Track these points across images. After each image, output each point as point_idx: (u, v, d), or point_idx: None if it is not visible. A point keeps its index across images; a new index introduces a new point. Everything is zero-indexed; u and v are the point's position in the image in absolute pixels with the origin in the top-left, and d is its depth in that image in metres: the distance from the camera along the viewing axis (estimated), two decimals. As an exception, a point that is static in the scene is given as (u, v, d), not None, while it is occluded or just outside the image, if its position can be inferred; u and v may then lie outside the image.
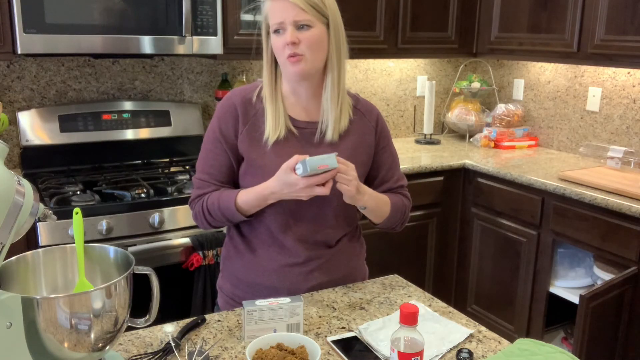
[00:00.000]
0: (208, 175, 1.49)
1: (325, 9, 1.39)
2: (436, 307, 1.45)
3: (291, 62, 1.39)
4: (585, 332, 2.18)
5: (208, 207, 1.47)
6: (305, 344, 1.13)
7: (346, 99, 1.51)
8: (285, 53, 1.38)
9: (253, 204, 1.43)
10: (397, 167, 1.61)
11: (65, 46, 2.26)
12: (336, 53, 1.44)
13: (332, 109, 1.46)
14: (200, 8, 2.47)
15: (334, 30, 1.42)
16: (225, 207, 1.44)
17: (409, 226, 3.01)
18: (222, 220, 1.48)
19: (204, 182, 1.50)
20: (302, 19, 1.36)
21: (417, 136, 3.65)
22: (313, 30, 1.38)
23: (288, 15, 1.36)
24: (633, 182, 2.52)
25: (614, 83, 3.00)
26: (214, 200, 1.46)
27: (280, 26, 1.38)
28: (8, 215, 0.94)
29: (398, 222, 1.59)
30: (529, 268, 2.78)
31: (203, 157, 1.51)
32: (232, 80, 3.02)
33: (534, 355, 1.16)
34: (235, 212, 1.43)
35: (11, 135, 2.62)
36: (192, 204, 1.52)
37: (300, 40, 1.37)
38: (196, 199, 1.51)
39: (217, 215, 1.47)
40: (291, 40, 1.36)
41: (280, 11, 1.37)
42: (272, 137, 1.44)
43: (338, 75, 1.45)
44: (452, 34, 3.29)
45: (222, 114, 1.48)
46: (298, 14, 1.36)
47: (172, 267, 2.28)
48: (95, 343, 1.03)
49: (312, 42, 1.38)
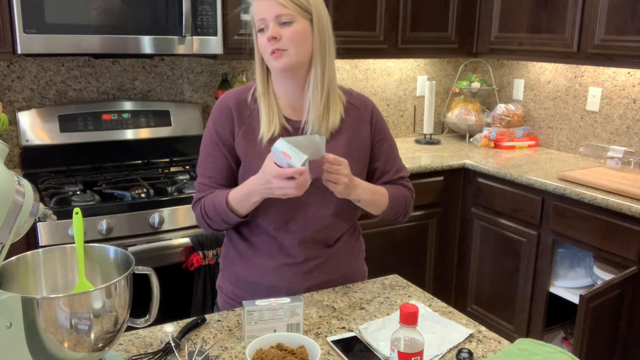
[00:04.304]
0: (208, 179, 1.49)
1: (309, 5, 1.39)
2: (436, 307, 1.45)
3: (274, 57, 1.39)
4: (585, 332, 2.18)
5: (206, 209, 1.47)
6: (305, 344, 1.13)
7: (335, 95, 1.48)
8: (268, 49, 1.39)
9: (240, 201, 1.42)
10: (396, 158, 1.60)
11: (65, 46, 2.26)
12: (320, 48, 1.42)
13: (314, 106, 1.45)
14: (200, 8, 2.47)
15: (318, 26, 1.41)
16: (219, 207, 1.44)
17: (409, 226, 3.01)
18: (219, 222, 1.47)
19: (204, 186, 1.50)
20: (282, 14, 1.37)
21: (417, 136, 3.65)
22: (295, 26, 1.38)
23: (270, 12, 1.38)
24: (633, 182, 2.52)
25: (614, 83, 3.00)
26: (210, 201, 1.46)
27: (263, 23, 1.39)
28: (8, 215, 0.94)
29: (400, 213, 1.57)
30: (529, 268, 2.78)
31: (202, 161, 1.51)
32: (232, 80, 3.02)
33: (534, 355, 1.16)
34: (229, 212, 1.42)
35: (11, 135, 2.62)
36: (194, 207, 1.52)
37: (282, 35, 1.38)
38: (196, 202, 1.51)
39: (214, 217, 1.46)
40: (272, 35, 1.37)
41: (263, 9, 1.38)
42: (266, 135, 1.45)
43: (322, 71, 1.44)
44: (452, 34, 3.29)
45: (218, 117, 1.48)
46: (279, 10, 1.37)
47: (172, 267, 2.28)
48: (95, 343, 1.03)
49: (294, 37, 1.38)
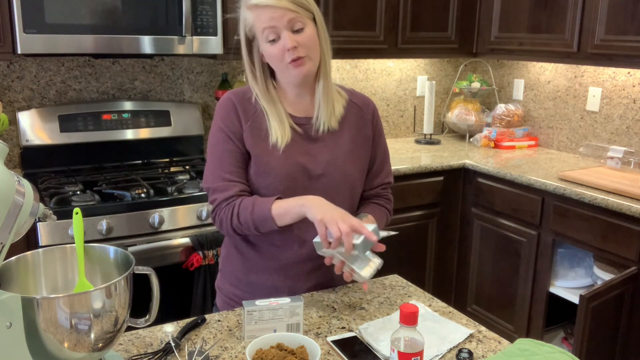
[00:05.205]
0: (230, 174, 1.43)
1: (309, 4, 1.39)
2: (436, 307, 1.45)
3: (295, 65, 1.37)
4: (585, 332, 2.18)
5: (239, 211, 1.40)
6: (305, 344, 1.13)
7: (334, 87, 1.51)
8: (286, 59, 1.36)
9: (286, 214, 1.36)
10: (388, 160, 1.63)
11: (65, 46, 2.26)
12: (325, 44, 1.44)
13: (325, 99, 1.46)
14: (200, 8, 2.47)
15: (320, 23, 1.42)
16: (260, 211, 1.37)
17: (409, 226, 3.01)
18: (249, 227, 1.40)
19: (228, 183, 1.42)
20: (294, 20, 1.35)
21: (417, 136, 3.65)
22: (307, 31, 1.37)
23: (280, 19, 1.33)
24: (633, 182, 2.52)
25: (614, 83, 3.00)
26: (248, 205, 1.39)
27: (273, 32, 1.35)
28: (8, 215, 0.94)
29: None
30: (529, 268, 2.78)
31: (218, 160, 1.44)
32: (232, 80, 3.02)
33: (534, 355, 1.16)
34: (269, 219, 1.36)
35: (11, 135, 2.62)
36: (218, 208, 1.43)
37: (299, 42, 1.36)
38: (223, 202, 1.42)
39: (246, 221, 1.39)
40: (292, 45, 1.34)
41: (272, 17, 1.34)
42: (281, 142, 1.43)
43: (329, 65, 1.45)
44: (452, 34, 3.29)
45: (225, 113, 1.46)
46: (291, 17, 1.34)
47: (172, 267, 2.28)
48: (95, 343, 1.03)
49: (310, 42, 1.38)
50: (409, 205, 2.97)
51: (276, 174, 1.43)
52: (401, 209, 2.87)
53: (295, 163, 1.44)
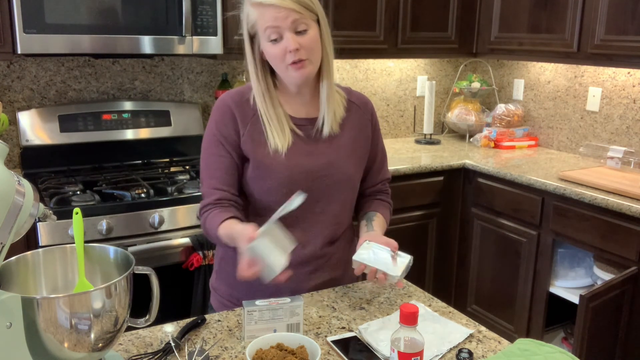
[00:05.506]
0: (216, 180, 1.43)
1: (313, 5, 1.36)
2: (436, 307, 1.45)
3: (295, 68, 1.36)
4: (585, 332, 2.18)
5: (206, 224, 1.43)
6: (305, 344, 1.13)
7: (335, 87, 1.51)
8: (287, 60, 1.35)
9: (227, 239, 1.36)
10: (385, 159, 1.65)
11: (65, 46, 2.26)
12: (328, 46, 1.43)
13: (329, 102, 1.46)
14: (200, 8, 2.47)
15: (323, 24, 1.40)
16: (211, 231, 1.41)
17: (409, 226, 3.01)
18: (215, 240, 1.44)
19: (211, 190, 1.43)
20: (298, 21, 1.33)
21: (417, 136, 3.65)
22: (310, 33, 1.35)
23: (284, 19, 1.32)
24: (633, 182, 2.52)
25: (614, 83, 3.00)
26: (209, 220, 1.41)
27: (275, 32, 1.33)
28: (8, 215, 0.94)
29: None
30: (529, 268, 2.78)
31: (206, 164, 1.45)
32: (232, 80, 3.02)
33: (534, 355, 1.16)
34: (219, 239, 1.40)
35: (11, 135, 2.62)
36: (201, 214, 1.46)
37: (302, 45, 1.34)
38: (203, 208, 1.44)
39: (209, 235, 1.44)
40: (295, 47, 1.32)
41: (275, 16, 1.32)
42: (282, 147, 1.42)
43: (331, 67, 1.45)
44: (452, 34, 3.29)
45: (220, 116, 1.45)
46: (294, 18, 1.32)
47: (172, 267, 2.28)
48: (95, 343, 1.03)
49: (313, 45, 1.36)
50: (409, 205, 2.97)
51: (278, 177, 1.42)
52: (401, 209, 2.87)
53: (297, 166, 1.44)
